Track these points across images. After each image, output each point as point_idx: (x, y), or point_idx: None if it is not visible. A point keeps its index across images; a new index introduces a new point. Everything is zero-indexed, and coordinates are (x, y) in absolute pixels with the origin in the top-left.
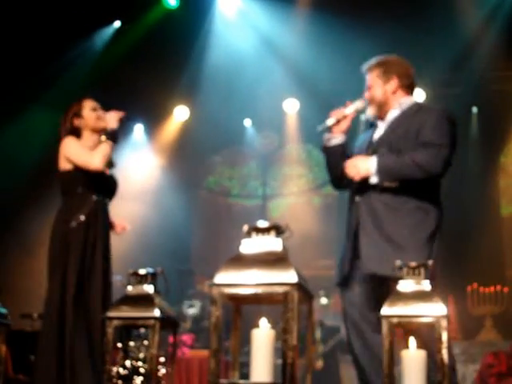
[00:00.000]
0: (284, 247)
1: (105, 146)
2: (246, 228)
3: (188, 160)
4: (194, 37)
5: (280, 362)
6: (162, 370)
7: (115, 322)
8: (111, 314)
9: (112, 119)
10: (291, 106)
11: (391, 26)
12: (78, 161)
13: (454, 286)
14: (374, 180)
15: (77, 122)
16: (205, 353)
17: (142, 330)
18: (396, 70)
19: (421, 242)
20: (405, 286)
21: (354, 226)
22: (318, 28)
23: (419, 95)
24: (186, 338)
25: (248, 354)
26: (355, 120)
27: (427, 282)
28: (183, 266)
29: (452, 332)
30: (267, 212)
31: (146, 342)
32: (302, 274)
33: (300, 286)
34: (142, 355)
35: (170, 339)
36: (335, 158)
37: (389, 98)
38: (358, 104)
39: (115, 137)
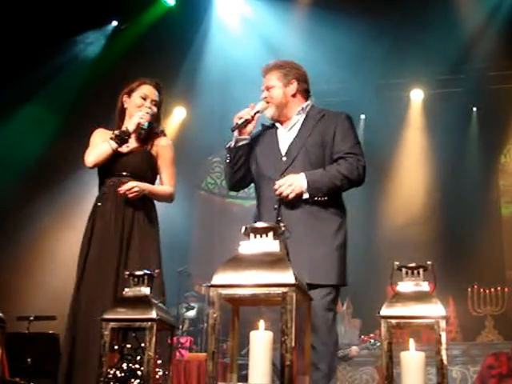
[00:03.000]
0: (282, 248)
1: (102, 146)
2: (243, 229)
3: (186, 161)
4: (192, 36)
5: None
6: (160, 373)
7: (112, 324)
8: (107, 315)
9: (133, 120)
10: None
11: (391, 26)
12: None
13: (455, 287)
14: (305, 196)
15: (124, 100)
16: (203, 355)
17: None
18: (295, 73)
19: (337, 251)
20: (403, 287)
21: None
22: (316, 27)
23: (418, 95)
24: (184, 340)
25: (246, 356)
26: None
27: (426, 283)
28: (181, 267)
29: (452, 333)
30: None
31: (143, 344)
32: (299, 276)
33: (298, 288)
34: (138, 357)
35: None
36: (240, 159)
37: (289, 102)
38: (260, 106)
39: (122, 140)
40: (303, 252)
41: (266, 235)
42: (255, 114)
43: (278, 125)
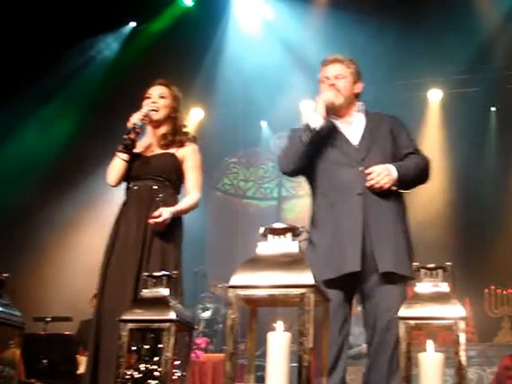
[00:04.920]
0: (300, 249)
1: (114, 163)
2: (261, 230)
3: (203, 161)
4: (210, 36)
5: (295, 365)
6: (177, 374)
7: (130, 325)
8: (126, 316)
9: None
10: (307, 107)
11: (409, 26)
12: None
13: (471, 288)
14: (394, 188)
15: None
16: (219, 356)
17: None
18: (360, 75)
19: (411, 242)
20: (422, 287)
21: (359, 223)
22: (334, 28)
23: (436, 95)
24: (200, 341)
25: (262, 357)
26: None
27: (445, 284)
28: (197, 268)
29: (468, 334)
30: (282, 213)
31: (160, 345)
32: (317, 276)
33: (316, 288)
34: (156, 358)
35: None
36: (316, 143)
37: (353, 98)
38: (330, 95)
39: (127, 147)
40: (389, 241)
41: (285, 236)
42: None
43: (335, 120)
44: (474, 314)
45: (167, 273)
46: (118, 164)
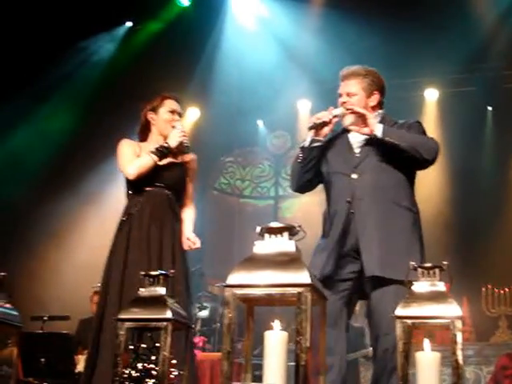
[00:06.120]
0: (297, 248)
1: (145, 159)
2: (258, 229)
3: (200, 160)
4: (207, 36)
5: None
6: (174, 373)
7: (127, 324)
8: (123, 315)
9: (174, 136)
10: (304, 106)
11: (405, 25)
12: (118, 164)
13: (469, 287)
14: (378, 133)
15: (150, 116)
16: (216, 355)
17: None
18: (378, 84)
19: (416, 244)
20: (419, 287)
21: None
22: (331, 28)
23: (433, 95)
24: (197, 340)
25: (260, 356)
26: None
27: (442, 283)
28: (194, 267)
29: (466, 333)
30: (280, 212)
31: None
32: (315, 276)
33: (313, 287)
34: (153, 357)
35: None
36: (312, 160)
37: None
38: (339, 111)
39: (163, 154)
40: (374, 246)
41: (281, 235)
42: (333, 117)
43: (352, 127)
44: (471, 313)
45: (164, 272)
46: (147, 162)
